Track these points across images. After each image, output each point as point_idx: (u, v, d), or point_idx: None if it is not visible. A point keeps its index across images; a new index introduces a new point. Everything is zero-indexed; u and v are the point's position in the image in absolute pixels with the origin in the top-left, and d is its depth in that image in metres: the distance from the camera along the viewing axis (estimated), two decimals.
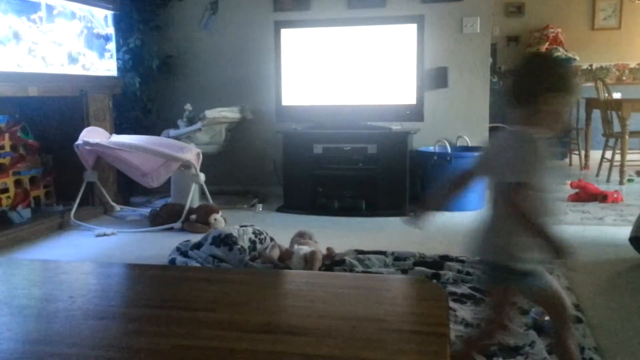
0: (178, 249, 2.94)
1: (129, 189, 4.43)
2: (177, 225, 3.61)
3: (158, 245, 3.24)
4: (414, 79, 4.01)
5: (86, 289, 1.61)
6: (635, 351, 1.92)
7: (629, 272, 2.75)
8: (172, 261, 2.82)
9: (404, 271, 2.67)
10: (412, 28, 3.98)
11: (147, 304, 1.46)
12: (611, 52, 6.93)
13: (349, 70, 4.12)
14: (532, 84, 1.44)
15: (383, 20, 4.11)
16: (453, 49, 4.32)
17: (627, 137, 4.94)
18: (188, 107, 4.36)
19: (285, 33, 4.19)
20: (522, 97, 1.45)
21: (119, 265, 2.25)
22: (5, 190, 3.62)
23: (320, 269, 2.67)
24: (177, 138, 4.13)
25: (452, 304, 2.21)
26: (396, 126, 4.05)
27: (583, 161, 5.88)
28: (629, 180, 5.05)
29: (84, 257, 3.08)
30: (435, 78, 4.29)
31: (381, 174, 3.97)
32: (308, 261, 2.66)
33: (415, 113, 4.02)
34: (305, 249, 2.74)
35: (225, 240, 2.79)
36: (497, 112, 5.28)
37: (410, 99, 4.02)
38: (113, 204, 4.13)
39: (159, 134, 4.22)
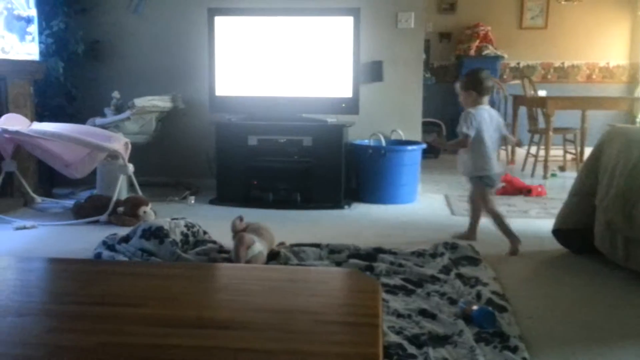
0: (104, 242, 2.84)
1: (51, 179, 4.24)
2: (104, 218, 3.48)
3: (83, 239, 3.11)
4: (349, 71, 4.02)
5: (4, 284, 1.52)
6: (557, 338, 2.01)
7: (551, 262, 2.88)
8: (98, 255, 2.72)
9: (338, 264, 2.68)
10: (349, 21, 3.98)
11: (70, 300, 1.39)
12: (537, 51, 7.23)
13: (285, 61, 4.08)
14: None
15: (319, 12, 4.09)
16: (388, 44, 4.37)
17: (551, 133, 5.18)
18: (116, 94, 4.20)
19: (219, 21, 4.10)
20: None
21: (40, 260, 2.14)
22: None
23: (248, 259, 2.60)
24: (103, 127, 3.98)
25: (384, 296, 2.23)
26: (332, 119, 4.06)
27: (510, 156, 6.10)
28: (552, 175, 5.29)
29: (2, 252, 2.91)
30: (371, 72, 4.32)
31: (316, 166, 3.96)
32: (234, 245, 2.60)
33: (351, 106, 4.04)
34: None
35: (156, 233, 2.71)
36: (430, 108, 5.39)
37: (346, 92, 4.03)
38: (34, 195, 3.93)
39: (84, 123, 4.05)
